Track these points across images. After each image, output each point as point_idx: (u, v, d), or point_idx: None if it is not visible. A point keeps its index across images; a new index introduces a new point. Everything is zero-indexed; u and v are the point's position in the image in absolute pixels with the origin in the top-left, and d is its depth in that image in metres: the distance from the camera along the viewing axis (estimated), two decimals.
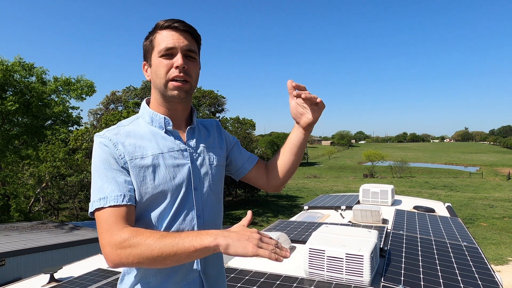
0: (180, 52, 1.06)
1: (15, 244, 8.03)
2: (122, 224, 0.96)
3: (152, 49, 1.10)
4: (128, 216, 0.98)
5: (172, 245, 0.88)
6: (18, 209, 15.80)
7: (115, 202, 0.97)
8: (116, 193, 0.98)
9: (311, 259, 2.37)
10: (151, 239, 0.90)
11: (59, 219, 21.13)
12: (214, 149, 1.23)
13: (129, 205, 1.00)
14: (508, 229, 15.15)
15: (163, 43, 1.06)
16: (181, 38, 1.07)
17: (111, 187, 0.99)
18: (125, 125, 1.11)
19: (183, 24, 1.08)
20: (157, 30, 1.09)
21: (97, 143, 1.05)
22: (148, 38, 1.12)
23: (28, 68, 13.21)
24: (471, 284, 2.26)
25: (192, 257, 0.90)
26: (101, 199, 0.97)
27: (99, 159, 1.03)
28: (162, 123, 1.12)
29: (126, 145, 1.05)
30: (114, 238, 0.92)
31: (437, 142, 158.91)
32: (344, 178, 42.51)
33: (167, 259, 0.89)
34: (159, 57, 1.07)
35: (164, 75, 1.06)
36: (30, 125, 13.60)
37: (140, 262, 0.91)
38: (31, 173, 17.31)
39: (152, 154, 1.06)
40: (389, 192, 5.33)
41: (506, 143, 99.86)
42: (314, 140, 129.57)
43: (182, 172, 1.09)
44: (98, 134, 1.07)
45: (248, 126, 26.48)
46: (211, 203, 1.17)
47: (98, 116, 24.61)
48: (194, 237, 0.89)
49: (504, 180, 37.42)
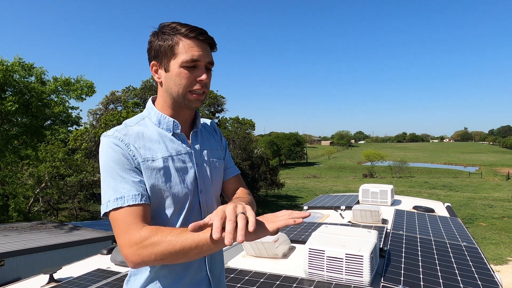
0: (203, 66, 1.06)
1: (14, 244, 8.01)
2: (140, 223, 0.95)
3: (172, 56, 1.05)
4: (145, 215, 0.98)
5: (193, 238, 0.88)
6: (17, 209, 15.78)
7: (133, 201, 0.96)
8: (134, 192, 0.98)
9: (310, 259, 2.37)
10: (171, 235, 0.90)
11: (59, 219, 21.10)
12: (215, 151, 1.25)
13: (146, 204, 0.99)
14: (507, 229, 15.17)
15: (189, 54, 1.03)
16: (205, 51, 1.07)
17: (127, 186, 0.98)
18: (132, 125, 1.09)
19: (207, 36, 1.08)
20: (179, 36, 1.05)
21: (107, 143, 1.03)
22: (165, 41, 1.06)
23: (27, 68, 13.20)
24: (470, 284, 2.26)
25: (213, 249, 0.89)
26: (118, 198, 0.96)
27: (111, 159, 1.00)
28: (171, 126, 1.12)
29: (137, 146, 1.04)
30: (134, 238, 0.92)
31: (436, 142, 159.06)
32: (343, 178, 42.53)
33: (190, 252, 0.89)
34: (181, 67, 1.04)
35: (185, 86, 1.06)
36: (30, 125, 13.58)
37: (163, 259, 0.91)
38: (31, 173, 17.29)
39: (162, 157, 1.06)
40: (389, 192, 5.33)
41: (505, 143, 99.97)
42: (314, 140, 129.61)
43: (189, 175, 1.10)
44: (107, 134, 1.05)
45: (247, 126, 26.47)
46: (214, 205, 1.19)
47: (97, 116, 24.58)
48: None
49: (504, 180, 37.46)
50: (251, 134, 27.16)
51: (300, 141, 63.08)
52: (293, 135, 61.53)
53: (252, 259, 2.91)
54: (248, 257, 2.95)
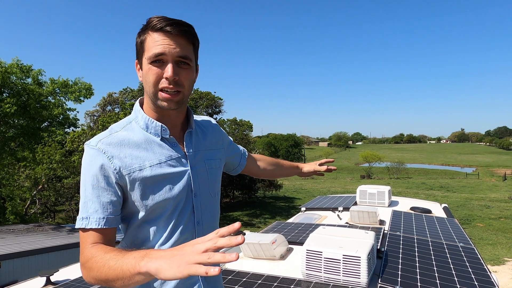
0: (171, 61, 0.96)
1: (11, 247, 7.96)
2: (94, 244, 0.95)
3: (142, 52, 1.00)
4: (105, 238, 0.97)
5: (114, 269, 0.84)
6: (14, 211, 15.69)
7: (96, 225, 0.95)
8: (99, 216, 0.95)
9: (308, 260, 2.37)
10: (101, 262, 0.87)
11: (56, 221, 21.00)
12: (211, 151, 1.21)
13: (109, 228, 0.98)
14: (504, 230, 15.22)
15: (153, 48, 0.96)
16: (173, 44, 0.96)
17: (95, 207, 0.96)
18: (117, 131, 1.03)
19: (177, 27, 0.96)
20: (149, 30, 0.98)
21: (88, 154, 0.98)
22: (139, 37, 1.01)
23: (25, 70, 13.17)
24: (467, 284, 2.27)
25: (131, 282, 0.82)
26: (83, 218, 0.96)
27: (88, 173, 0.97)
28: (159, 131, 1.05)
29: (122, 157, 0.98)
30: (82, 258, 0.94)
31: (433, 143, 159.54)
32: (341, 179, 42.58)
33: (114, 282, 0.85)
34: (149, 63, 0.97)
35: (153, 84, 0.98)
36: (27, 127, 13.53)
37: (99, 282, 0.90)
38: (27, 175, 17.19)
39: (150, 165, 1.01)
40: (386, 193, 5.35)
41: (502, 144, 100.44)
42: (312, 142, 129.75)
43: (182, 180, 1.06)
44: (89, 144, 0.99)
45: (245, 127, 26.46)
46: (210, 207, 1.16)
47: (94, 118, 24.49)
48: (132, 259, 0.81)
49: (500, 180, 37.62)
50: (249, 135, 27.15)
51: (298, 143, 63.06)
52: (291, 136, 61.53)
53: (249, 260, 2.91)
54: (246, 259, 2.95)
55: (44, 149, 16.87)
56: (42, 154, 16.57)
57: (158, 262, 0.76)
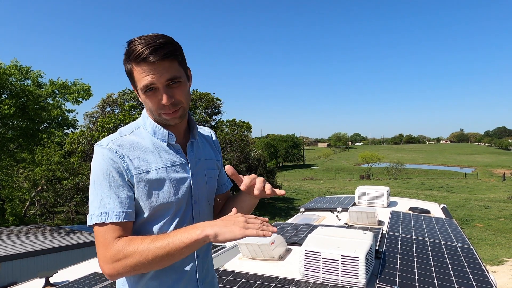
0: (162, 87, 0.99)
1: (10, 248, 7.96)
2: (119, 238, 0.98)
3: (134, 82, 1.04)
4: (125, 232, 1.00)
5: (163, 246, 0.92)
6: (13, 213, 15.68)
7: (116, 219, 0.97)
8: (118, 210, 0.99)
9: (307, 261, 2.38)
10: (143, 245, 0.93)
11: (55, 222, 20.98)
12: (211, 161, 1.24)
13: (129, 222, 1.01)
14: (503, 230, 15.25)
15: (141, 80, 0.99)
16: (158, 72, 0.98)
17: (113, 202, 0.99)
18: (126, 135, 1.08)
19: (157, 53, 0.96)
20: (132, 62, 0.99)
21: (100, 154, 1.02)
22: (126, 66, 1.03)
23: (24, 71, 13.16)
24: (465, 284, 2.28)
25: (184, 253, 0.94)
26: (102, 214, 0.97)
27: (102, 172, 1.00)
28: (166, 137, 1.10)
29: (131, 158, 1.03)
30: (110, 253, 0.95)
31: (432, 144, 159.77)
32: (340, 180, 42.60)
33: (162, 260, 0.93)
34: (143, 93, 1.02)
35: (155, 110, 1.04)
36: (26, 128, 13.52)
37: (137, 269, 0.94)
38: (26, 176, 17.17)
39: (157, 168, 1.06)
40: (385, 194, 5.36)
41: (501, 144, 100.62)
42: (311, 142, 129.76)
43: (184, 186, 1.10)
44: (101, 144, 1.04)
45: (244, 128, 26.46)
46: (207, 215, 1.20)
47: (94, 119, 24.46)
48: (183, 233, 0.93)
49: (499, 181, 37.68)
50: (248, 136, 27.14)
51: (297, 143, 63.15)
52: (290, 137, 61.60)
53: (248, 261, 2.91)
54: (245, 260, 2.96)
55: (43, 150, 16.85)
56: (41, 155, 16.55)
57: (214, 227, 0.91)
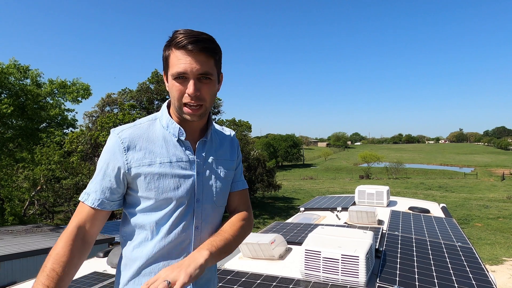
0: (193, 78, 1.02)
1: (9, 248, 7.95)
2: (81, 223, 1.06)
3: (167, 67, 1.06)
4: (95, 217, 1.08)
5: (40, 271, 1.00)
6: (13, 212, 15.65)
7: (91, 204, 1.07)
8: (97, 196, 1.08)
9: (307, 260, 2.38)
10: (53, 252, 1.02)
11: (54, 222, 20.96)
12: (224, 161, 1.22)
13: (102, 210, 1.09)
14: (502, 229, 15.26)
15: (175, 67, 1.02)
16: (194, 63, 1.01)
17: (95, 187, 1.09)
18: (141, 123, 1.14)
19: (198, 44, 1.00)
20: (172, 47, 1.03)
21: (110, 140, 1.10)
22: (165, 51, 1.06)
23: (23, 70, 13.14)
24: (465, 284, 2.28)
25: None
26: (85, 193, 1.10)
27: (103, 157, 1.10)
28: (176, 132, 1.12)
29: (137, 149, 1.08)
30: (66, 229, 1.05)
31: (432, 143, 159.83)
32: (340, 179, 42.61)
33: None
34: (173, 79, 1.04)
35: (178, 98, 1.05)
36: (25, 127, 13.50)
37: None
38: (26, 176, 17.15)
39: (160, 162, 1.09)
40: (385, 193, 5.36)
41: (500, 144, 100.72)
42: (310, 142, 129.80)
43: (186, 183, 1.11)
44: (115, 130, 1.11)
45: (244, 128, 26.46)
46: (212, 216, 1.18)
47: (93, 119, 24.42)
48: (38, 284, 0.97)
49: (499, 180, 37.73)
50: (248, 136, 27.15)
51: (296, 143, 63.14)
52: (289, 136, 61.59)
53: (248, 260, 2.91)
54: (245, 259, 2.96)
55: (43, 150, 16.83)
56: (40, 155, 16.54)
57: None
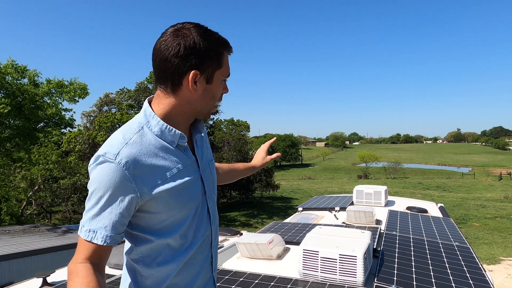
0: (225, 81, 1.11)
1: (6, 248, 7.92)
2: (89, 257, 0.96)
3: (217, 67, 1.02)
4: (102, 254, 0.97)
5: None
6: (10, 212, 15.61)
7: (102, 242, 0.94)
8: (107, 233, 0.95)
9: (305, 260, 2.38)
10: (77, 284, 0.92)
11: (52, 222, 20.91)
12: (209, 151, 1.26)
13: (110, 246, 0.98)
14: (500, 229, 15.33)
15: (228, 70, 1.08)
16: None
17: (104, 222, 0.94)
18: (131, 138, 0.98)
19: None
20: (224, 49, 1.04)
21: (107, 169, 0.93)
22: (211, 50, 0.99)
23: (20, 70, 13.11)
24: (462, 283, 2.29)
25: None
26: (90, 231, 0.95)
27: (105, 188, 0.93)
28: (176, 139, 1.03)
29: (144, 171, 0.96)
30: (72, 264, 0.95)
31: (430, 143, 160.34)
32: (338, 179, 42.69)
33: None
34: (223, 80, 1.07)
35: (217, 99, 1.09)
36: (22, 127, 13.47)
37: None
38: (23, 176, 17.10)
39: (171, 176, 1.01)
40: (383, 193, 5.37)
41: (498, 144, 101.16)
42: (309, 142, 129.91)
43: (197, 184, 1.10)
44: (105, 156, 0.94)
45: (242, 127, 26.48)
46: (216, 207, 1.23)
47: (91, 118, 24.37)
48: None
49: (496, 180, 37.91)
50: (246, 135, 27.16)
51: (295, 143, 63.23)
52: (288, 136, 61.67)
53: (246, 260, 2.91)
54: (243, 259, 2.95)
55: (40, 149, 16.79)
56: (38, 154, 16.50)
57: None
